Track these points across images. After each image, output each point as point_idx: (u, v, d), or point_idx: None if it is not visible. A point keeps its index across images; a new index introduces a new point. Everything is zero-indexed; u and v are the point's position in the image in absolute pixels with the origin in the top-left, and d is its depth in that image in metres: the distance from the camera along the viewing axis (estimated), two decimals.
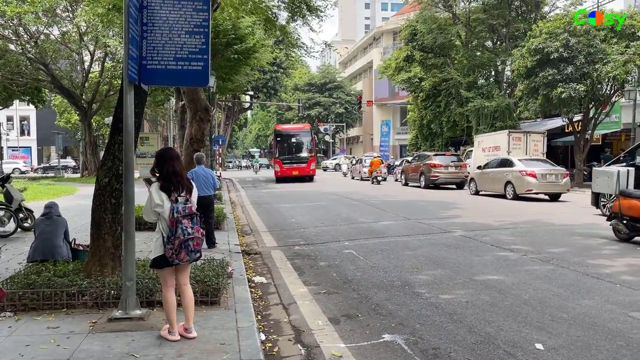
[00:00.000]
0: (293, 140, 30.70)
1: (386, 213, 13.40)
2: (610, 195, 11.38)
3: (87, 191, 18.04)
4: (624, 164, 12.87)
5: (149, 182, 4.48)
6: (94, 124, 34.89)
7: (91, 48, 29.13)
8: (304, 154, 30.23)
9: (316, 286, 6.25)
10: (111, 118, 7.30)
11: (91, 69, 31.02)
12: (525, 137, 23.13)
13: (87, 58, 30.55)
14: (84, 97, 30.77)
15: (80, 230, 8.95)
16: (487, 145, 24.98)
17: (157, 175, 4.24)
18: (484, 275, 6.51)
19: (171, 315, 4.16)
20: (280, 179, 29.89)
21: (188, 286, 4.32)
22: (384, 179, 28.77)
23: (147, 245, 7.73)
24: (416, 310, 5.14)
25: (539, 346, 4.12)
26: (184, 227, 4.04)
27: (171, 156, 4.27)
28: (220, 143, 38.18)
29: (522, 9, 30.67)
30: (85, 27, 26.77)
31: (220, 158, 39.23)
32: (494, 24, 29.89)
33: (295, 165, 29.47)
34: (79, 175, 36.00)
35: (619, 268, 6.76)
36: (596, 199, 12.83)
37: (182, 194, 4.17)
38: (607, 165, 13.49)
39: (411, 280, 6.36)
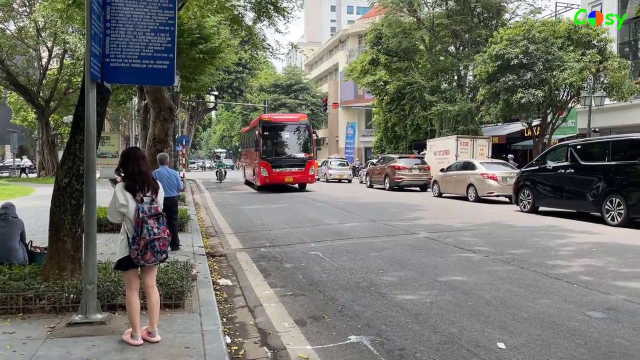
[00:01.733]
0: (285, 134, 23.10)
1: (352, 215, 13.47)
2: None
3: (44, 192, 17.46)
4: (537, 167, 14.16)
5: (114, 182, 4.39)
6: (51, 122, 33.81)
7: (49, 44, 28.25)
8: (301, 153, 22.66)
9: (282, 288, 6.22)
10: (71, 117, 7.11)
11: (49, 66, 30.07)
12: (472, 142, 24.84)
13: (45, 55, 29.63)
14: (41, 94, 29.80)
15: (37, 232, 8.64)
16: (438, 149, 26.31)
17: (122, 175, 4.15)
18: (447, 276, 6.62)
19: (134, 319, 4.06)
20: (267, 187, 22.70)
21: (154, 288, 4.24)
22: (349, 181, 29.00)
23: (108, 248, 7.54)
24: (382, 311, 5.18)
25: (501, 345, 4.21)
26: (150, 227, 3.98)
27: (137, 156, 4.20)
28: (184, 143, 37.38)
29: (484, 16, 31.42)
30: (43, 23, 25.94)
31: (183, 159, 38.36)
32: (456, 29, 30.52)
33: (288, 169, 22.18)
34: (35, 175, 34.82)
35: (575, 268, 6.98)
36: (516, 196, 14.70)
37: (148, 194, 4.10)
38: (523, 169, 15.36)
39: (377, 281, 6.40)
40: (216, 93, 51.91)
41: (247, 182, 28.20)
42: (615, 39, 24.80)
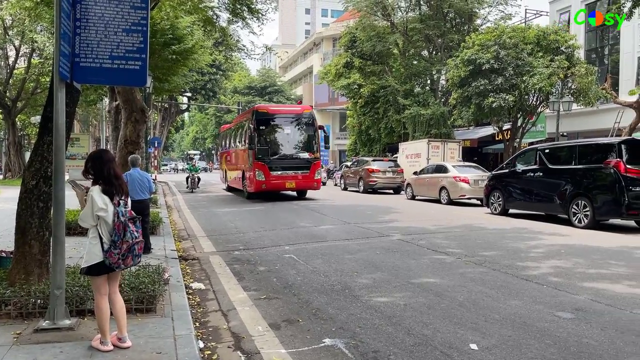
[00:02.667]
0: (286, 129, 18.96)
1: (326, 217, 13.48)
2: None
3: (10, 194, 16.98)
4: (507, 170, 14.46)
5: (75, 184, 4.29)
6: (18, 123, 32.97)
7: (17, 43, 27.55)
8: (304, 153, 18.83)
9: (256, 291, 6.18)
10: (38, 117, 6.93)
11: (16, 65, 29.32)
12: (443, 146, 25.46)
13: (12, 53, 28.88)
14: (7, 94, 29.03)
15: (2, 236, 8.39)
16: (410, 153, 26.84)
17: (93, 177, 4.05)
18: (421, 278, 6.67)
19: (104, 325, 3.97)
20: (261, 194, 18.98)
21: (118, 295, 4.17)
22: (324, 184, 28.99)
23: (77, 251, 7.37)
24: (356, 313, 5.19)
25: (473, 346, 4.26)
26: (132, 231, 3.96)
27: (109, 159, 4.15)
28: (156, 145, 36.89)
29: (456, 21, 31.90)
30: (10, 21, 25.28)
31: (155, 161, 37.75)
32: (429, 34, 30.90)
33: (290, 172, 18.31)
34: (1, 177, 33.87)
35: (545, 270, 7.12)
36: (487, 199, 14.95)
37: (122, 198, 4.04)
38: (494, 172, 15.55)
39: (351, 284, 6.41)
40: (189, 94, 51.44)
41: (231, 188, 24.20)
42: (582, 45, 25.50)
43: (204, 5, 13.36)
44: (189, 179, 24.14)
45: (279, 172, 18.17)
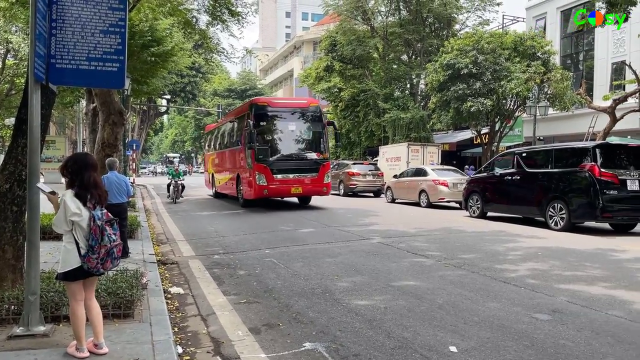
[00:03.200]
0: (290, 126, 16.57)
1: (306, 220, 13.46)
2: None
3: None
4: (485, 173, 14.71)
5: (41, 190, 4.17)
6: None
7: None
8: (311, 153, 16.56)
9: (236, 296, 6.13)
10: (13, 119, 6.79)
11: None
12: (422, 149, 25.79)
13: None
14: None
15: None
16: (390, 156, 27.10)
17: (69, 178, 3.97)
18: (401, 281, 6.70)
19: (79, 331, 3.89)
20: (259, 201, 16.71)
21: (94, 300, 4.09)
22: None
23: (52, 256, 7.23)
24: (337, 317, 5.18)
25: (452, 349, 4.28)
26: (109, 234, 3.89)
27: (92, 165, 4.03)
28: (134, 148, 36.44)
29: (435, 26, 32.25)
30: None
31: (134, 164, 37.28)
32: (409, 38, 31.17)
33: (296, 175, 16.03)
34: None
35: (523, 272, 7.21)
36: (466, 202, 15.14)
37: (98, 204, 3.96)
38: (472, 175, 16.04)
39: (332, 287, 6.41)
40: (168, 97, 51.01)
41: (219, 194, 21.66)
42: (558, 51, 25.99)
43: (183, 7, 13.27)
44: (171, 187, 20.04)
45: (283, 176, 15.79)
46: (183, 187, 20.30)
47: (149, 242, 9.56)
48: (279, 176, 15.70)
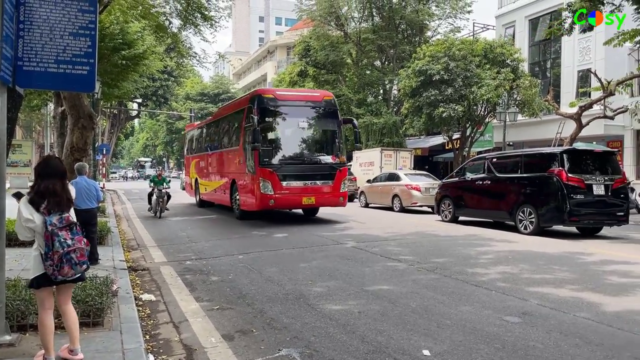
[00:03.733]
0: (302, 122, 13.95)
1: (280, 225, 13.41)
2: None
3: None
4: (457, 178, 14.98)
5: (18, 195, 4.06)
6: None
7: None
8: (326, 156, 14.14)
9: (209, 302, 6.06)
10: None
11: None
12: (395, 154, 26.07)
13: None
14: None
15: None
16: (363, 161, 27.34)
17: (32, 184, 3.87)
18: (374, 286, 6.73)
19: (47, 340, 3.79)
20: (263, 213, 14.52)
21: (70, 306, 3.99)
22: None
23: (18, 263, 7.04)
24: (311, 322, 5.17)
25: (426, 352, 4.32)
26: (63, 240, 3.71)
27: (55, 171, 3.91)
28: (105, 152, 35.76)
29: (408, 33, 32.65)
30: None
31: (104, 168, 36.56)
32: (382, 44, 31.48)
33: (309, 182, 13.58)
34: None
35: (493, 276, 7.32)
36: (438, 207, 15.37)
37: (56, 210, 3.82)
38: (444, 180, 16.16)
39: (306, 292, 6.39)
40: (140, 100, 50.31)
41: (205, 202, 19.14)
42: (526, 59, 26.61)
43: (155, 10, 13.12)
44: (153, 197, 15.94)
45: (294, 183, 13.32)
46: (169, 196, 16.20)
47: (120, 248, 9.39)
48: (288, 183, 13.23)
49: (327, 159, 14.03)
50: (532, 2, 27.41)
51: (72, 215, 3.96)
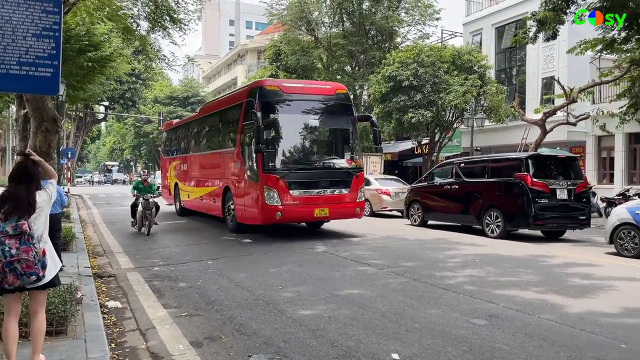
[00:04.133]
0: (312, 120, 12.19)
1: (248, 231, 13.30)
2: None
3: None
4: (425, 183, 15.15)
5: None
6: None
7: None
8: (340, 159, 12.47)
9: (177, 309, 5.97)
10: None
11: None
12: (366, 159, 26.18)
13: None
14: None
15: None
16: None
17: None
18: (345, 290, 6.75)
19: (9, 348, 3.67)
20: (269, 227, 12.43)
21: (39, 314, 3.86)
22: None
23: None
24: (281, 328, 5.15)
25: (395, 356, 4.35)
26: (7, 249, 3.57)
27: (20, 175, 3.81)
28: (70, 156, 34.91)
29: (378, 38, 32.94)
30: None
31: (69, 173, 35.64)
32: (352, 50, 31.67)
33: (322, 191, 11.70)
34: None
35: (461, 279, 7.44)
36: (407, 211, 15.51)
37: (14, 216, 3.70)
38: (413, 185, 16.36)
39: (276, 297, 6.37)
40: (106, 103, 49.31)
41: (187, 211, 17.07)
42: (493, 66, 27.18)
43: (122, 12, 12.89)
44: (138, 208, 12.89)
45: (304, 192, 11.39)
46: (157, 207, 13.06)
47: (85, 255, 9.17)
48: (298, 192, 11.29)
49: (342, 162, 12.24)
50: (498, 11, 28.03)
51: (35, 222, 3.81)
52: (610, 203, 15.54)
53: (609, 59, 20.87)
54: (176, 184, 18.02)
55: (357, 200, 12.15)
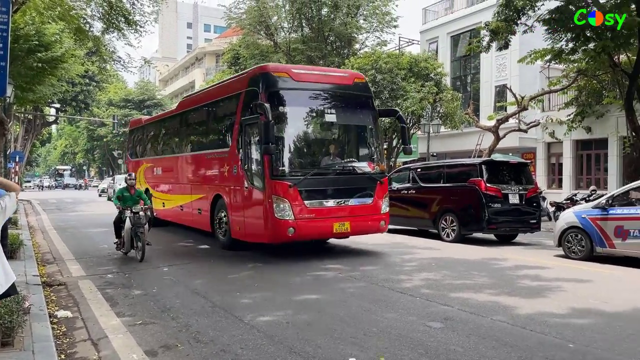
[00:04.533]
0: (329, 114, 10.02)
1: (205, 236, 13.12)
2: None
3: None
4: None
5: None
6: None
7: None
8: (362, 163, 10.50)
9: (131, 317, 5.82)
10: None
11: None
12: None
13: None
14: None
15: None
16: None
17: None
18: (302, 295, 6.74)
19: None
20: (275, 247, 10.39)
21: None
22: None
23: None
24: (238, 335, 5.10)
25: None
26: None
27: None
28: (18, 160, 33.51)
29: (337, 44, 33.19)
30: None
31: (16, 177, 34.21)
32: (312, 55, 31.77)
33: (342, 201, 9.64)
34: None
35: (417, 282, 7.56)
36: None
37: None
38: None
39: (233, 304, 6.30)
40: (58, 106, 47.55)
41: (160, 222, 14.63)
42: (448, 73, 27.83)
43: (75, 12, 12.54)
44: (126, 226, 9.73)
45: (322, 202, 9.42)
46: (150, 223, 10.59)
47: (33, 262, 8.82)
48: (314, 203, 9.30)
49: (364, 166, 10.32)
50: (454, 20, 28.77)
51: None
52: (559, 207, 16.14)
53: (557, 69, 21.74)
54: (147, 191, 15.21)
55: (382, 212, 10.12)
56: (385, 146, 26.96)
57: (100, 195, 37.69)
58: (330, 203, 9.50)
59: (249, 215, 9.78)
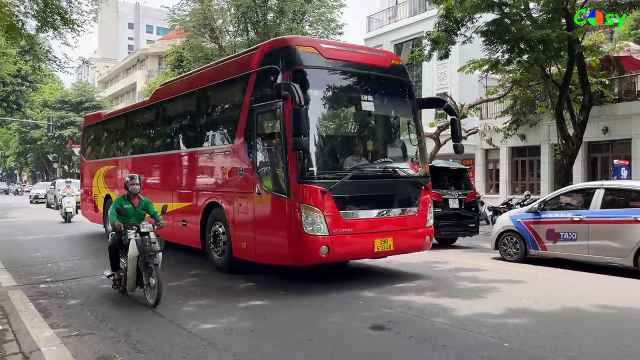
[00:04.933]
0: (366, 101, 7.91)
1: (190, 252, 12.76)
2: None
3: None
4: None
5: None
6: None
7: None
8: (403, 163, 8.42)
9: (66, 328, 5.57)
10: None
11: None
12: None
13: None
14: None
15: None
16: None
17: None
18: (246, 301, 6.68)
19: None
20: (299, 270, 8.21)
21: None
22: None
23: None
24: (180, 343, 4.98)
25: None
26: None
27: None
28: None
29: None
30: None
31: None
32: None
33: (384, 211, 7.64)
34: None
35: (362, 286, 7.63)
36: None
37: None
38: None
39: (176, 311, 6.15)
40: None
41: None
42: None
43: (7, 9, 11.94)
44: (130, 251, 6.60)
45: (362, 213, 7.52)
46: (162, 244, 6.75)
47: None
48: (353, 214, 7.42)
49: (407, 168, 8.35)
50: (397, 29, 29.45)
51: None
52: (496, 211, 16.78)
53: (494, 79, 22.67)
54: (108, 197, 13.13)
55: (427, 225, 8.28)
56: None
57: (32, 202, 35.43)
58: (372, 214, 7.58)
59: (262, 229, 7.68)
